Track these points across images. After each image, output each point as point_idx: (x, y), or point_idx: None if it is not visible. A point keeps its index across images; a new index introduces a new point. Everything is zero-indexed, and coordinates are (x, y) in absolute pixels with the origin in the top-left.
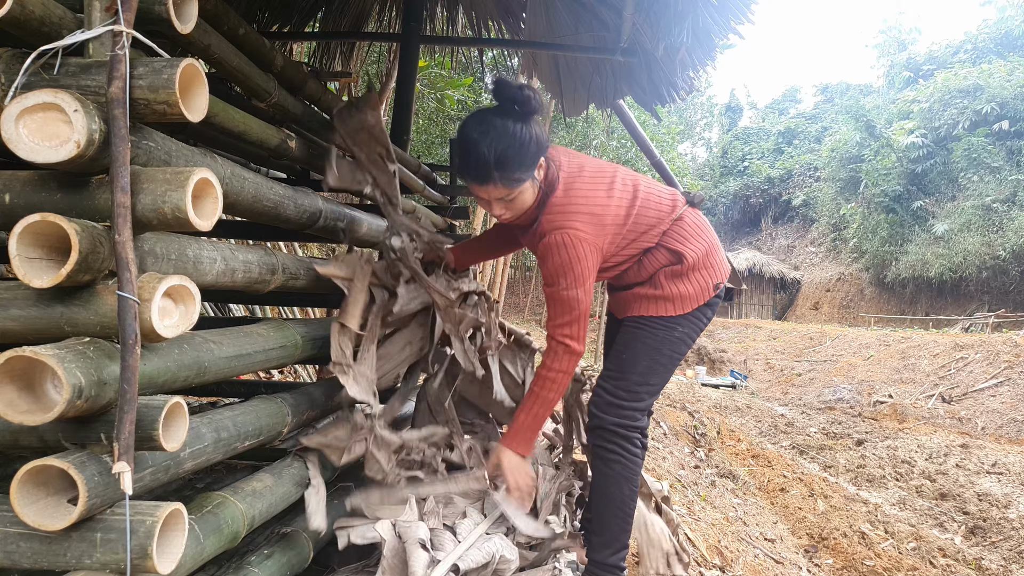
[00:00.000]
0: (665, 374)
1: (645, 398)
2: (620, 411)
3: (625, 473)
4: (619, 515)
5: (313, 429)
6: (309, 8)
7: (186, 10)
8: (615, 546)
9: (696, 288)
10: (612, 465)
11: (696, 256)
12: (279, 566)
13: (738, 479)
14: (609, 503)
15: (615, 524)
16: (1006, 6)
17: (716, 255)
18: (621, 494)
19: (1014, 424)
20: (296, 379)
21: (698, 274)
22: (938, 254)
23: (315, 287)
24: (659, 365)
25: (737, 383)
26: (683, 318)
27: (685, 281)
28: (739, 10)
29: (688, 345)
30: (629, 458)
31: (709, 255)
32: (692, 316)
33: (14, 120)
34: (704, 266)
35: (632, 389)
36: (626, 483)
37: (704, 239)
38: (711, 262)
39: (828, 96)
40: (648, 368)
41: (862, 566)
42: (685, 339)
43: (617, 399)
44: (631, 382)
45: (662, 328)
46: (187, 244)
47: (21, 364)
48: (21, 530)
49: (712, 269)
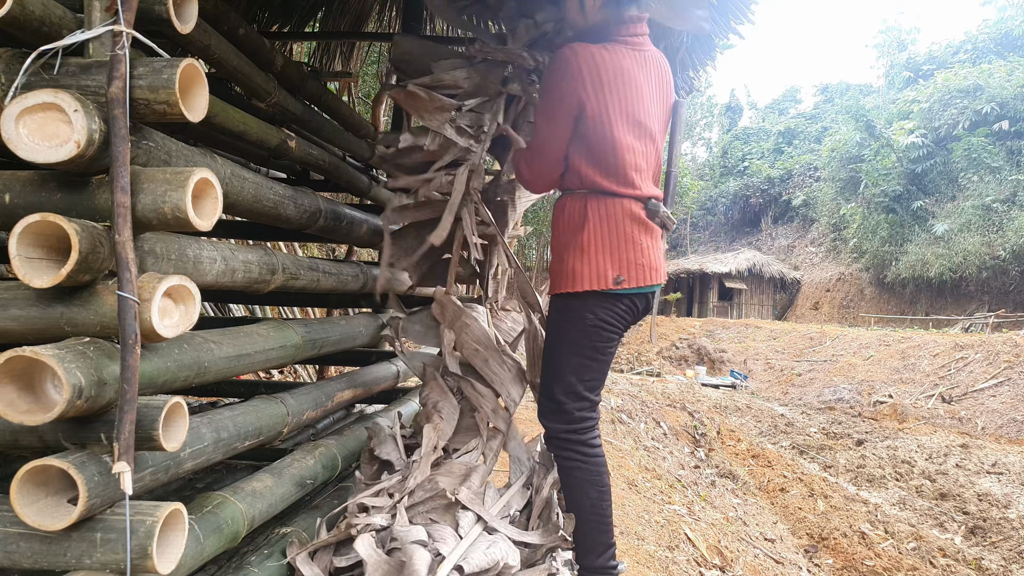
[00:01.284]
0: (598, 367)
1: (588, 395)
2: (565, 416)
3: (588, 477)
4: (592, 519)
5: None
6: (309, 8)
7: (186, 10)
8: (598, 549)
9: (591, 270)
10: (573, 472)
11: (596, 238)
12: (279, 566)
13: (738, 479)
14: (580, 509)
15: (592, 528)
16: (1006, 6)
17: (628, 253)
18: (589, 498)
19: (1014, 424)
20: (296, 379)
21: (598, 257)
22: (938, 254)
23: (315, 287)
24: (585, 358)
25: (737, 383)
26: (589, 301)
27: (584, 258)
28: (739, 10)
29: (609, 333)
30: (589, 461)
31: (616, 248)
32: (599, 303)
33: (14, 120)
34: (607, 255)
35: (571, 391)
36: (591, 486)
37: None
38: (618, 256)
39: (828, 96)
40: (577, 364)
41: (862, 566)
42: (602, 327)
43: (558, 404)
44: (567, 383)
45: (572, 310)
46: (187, 244)
47: (21, 364)
48: (21, 530)
49: (615, 261)
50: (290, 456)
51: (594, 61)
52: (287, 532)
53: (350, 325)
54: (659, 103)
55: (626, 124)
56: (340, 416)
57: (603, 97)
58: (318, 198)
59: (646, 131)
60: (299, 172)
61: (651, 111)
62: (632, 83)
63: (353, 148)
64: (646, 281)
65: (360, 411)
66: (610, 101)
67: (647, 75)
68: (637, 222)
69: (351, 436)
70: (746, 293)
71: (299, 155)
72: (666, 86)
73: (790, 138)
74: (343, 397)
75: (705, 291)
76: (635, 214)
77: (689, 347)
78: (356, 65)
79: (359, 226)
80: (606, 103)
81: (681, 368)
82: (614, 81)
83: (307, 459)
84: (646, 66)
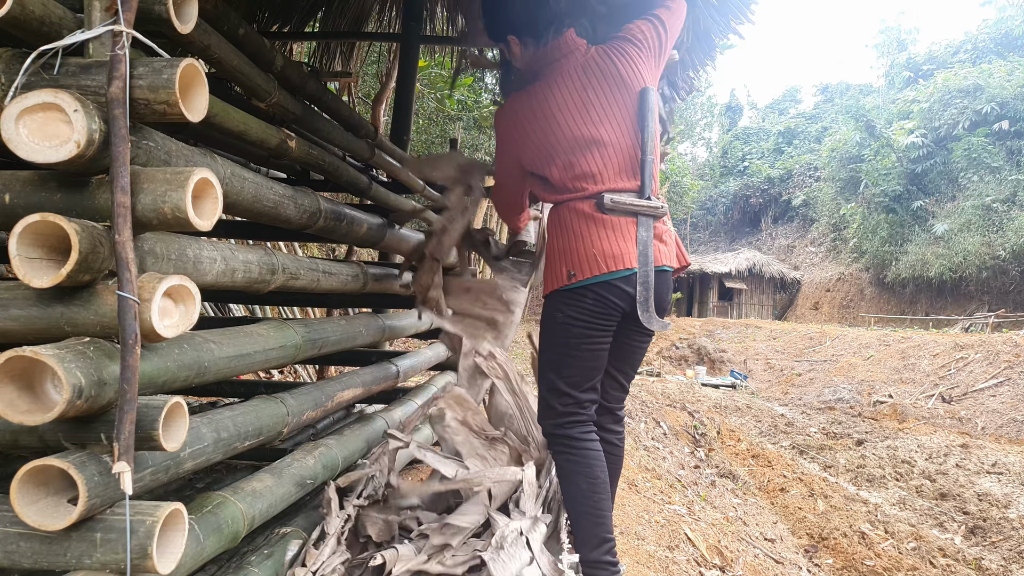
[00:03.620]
0: (576, 363)
1: (571, 392)
2: (550, 412)
3: (576, 468)
4: (584, 510)
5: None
6: (309, 8)
7: (186, 10)
8: (592, 542)
9: (551, 273)
10: (563, 465)
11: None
12: (279, 566)
13: (738, 479)
14: (572, 501)
15: (585, 520)
16: (1006, 6)
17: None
18: (580, 490)
19: (1014, 424)
20: (296, 379)
21: (555, 261)
22: (938, 254)
23: (315, 287)
24: (561, 355)
25: (737, 383)
26: (555, 301)
27: (548, 265)
28: (739, 10)
29: (580, 329)
30: (577, 452)
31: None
32: (562, 300)
33: (14, 120)
34: (561, 256)
35: (552, 387)
36: (581, 478)
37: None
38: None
39: (828, 96)
40: (552, 361)
41: (862, 566)
42: (571, 323)
43: (544, 402)
44: (548, 380)
45: (545, 313)
46: (187, 244)
47: (21, 364)
48: (21, 530)
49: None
50: (290, 456)
51: (515, 117)
52: (287, 532)
53: (350, 325)
54: (611, 98)
55: (564, 149)
56: (340, 416)
57: (531, 141)
58: (318, 198)
59: (594, 140)
60: (299, 172)
61: (599, 116)
62: (562, 109)
63: (353, 148)
64: (601, 270)
65: (360, 411)
66: (540, 141)
67: (586, 82)
68: (585, 218)
69: (351, 436)
70: (746, 293)
71: (299, 155)
72: (620, 75)
73: (790, 138)
74: (343, 397)
75: (705, 291)
76: (581, 211)
77: (689, 347)
78: (356, 65)
79: (359, 226)
80: (537, 144)
81: (681, 368)
82: (538, 122)
83: (307, 459)
84: (586, 72)
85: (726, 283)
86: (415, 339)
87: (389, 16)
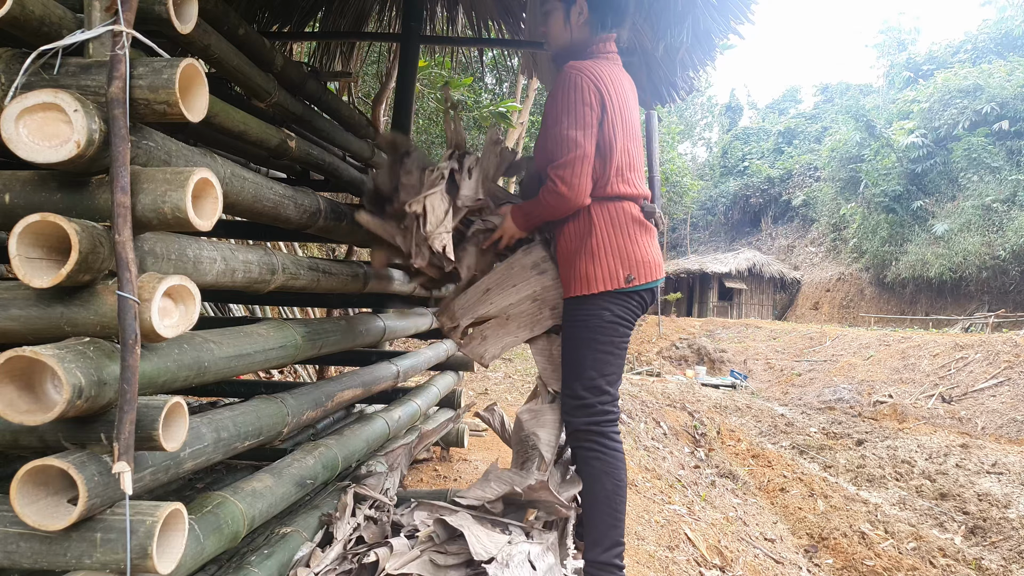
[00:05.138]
0: (616, 361)
1: (609, 389)
2: (588, 410)
3: (605, 468)
4: (605, 511)
5: None
6: (309, 8)
7: (186, 10)
8: (605, 543)
9: (603, 272)
10: (591, 463)
11: (605, 241)
12: (279, 566)
13: (738, 479)
14: (594, 500)
15: (602, 521)
16: (1006, 6)
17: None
18: (604, 490)
19: (1014, 424)
20: (296, 379)
21: (608, 260)
22: (938, 254)
23: (315, 287)
24: (606, 353)
25: (737, 383)
26: (605, 300)
27: (595, 262)
28: (739, 10)
29: (624, 328)
30: (608, 453)
31: (623, 248)
32: (614, 300)
33: (14, 120)
34: (616, 256)
35: (592, 385)
36: (607, 478)
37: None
38: (624, 255)
39: (828, 96)
40: (596, 359)
41: (862, 566)
42: (619, 323)
43: (581, 399)
44: (587, 378)
45: (588, 310)
46: (187, 244)
47: (21, 364)
48: (21, 530)
49: (624, 261)
50: (290, 456)
51: (599, 75)
52: (287, 532)
53: (350, 325)
54: (637, 110)
55: (625, 131)
56: (340, 416)
57: (609, 108)
58: (318, 198)
59: (637, 136)
60: (299, 172)
61: (637, 117)
62: (624, 92)
63: (353, 148)
64: (652, 277)
65: (360, 411)
66: (615, 110)
67: (630, 84)
68: (637, 223)
69: (351, 436)
70: (746, 293)
71: (299, 155)
72: (636, 95)
73: (790, 138)
74: (343, 397)
75: (705, 291)
76: (635, 216)
77: (689, 347)
78: (356, 65)
79: (359, 226)
80: (612, 113)
81: (681, 368)
82: (615, 92)
83: (307, 459)
84: (627, 77)
85: (726, 283)
86: (415, 339)
87: (389, 16)
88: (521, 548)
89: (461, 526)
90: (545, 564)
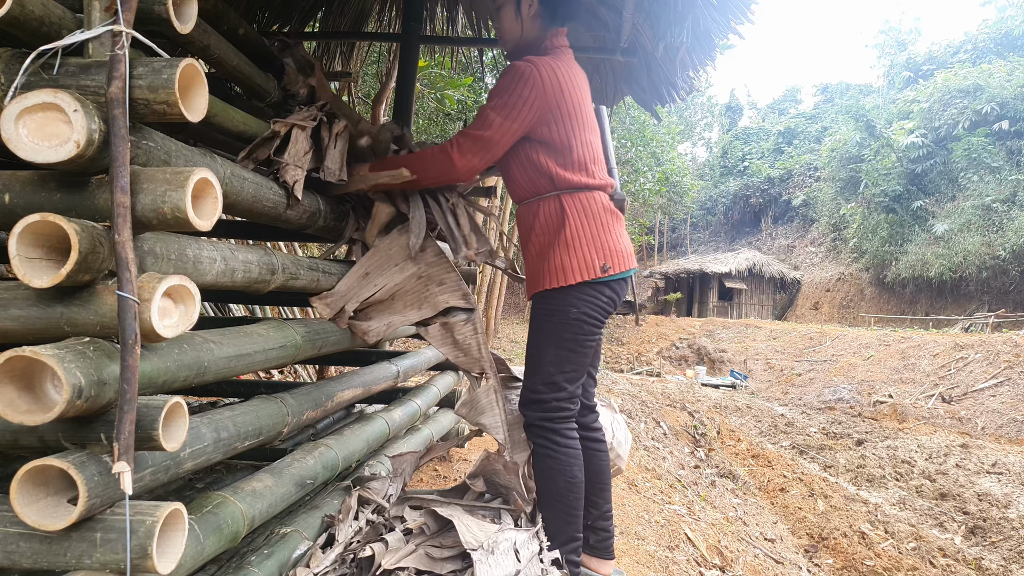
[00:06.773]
0: (577, 359)
1: (566, 386)
2: (543, 406)
3: (557, 466)
4: (559, 508)
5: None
6: (309, 8)
7: (186, 10)
8: (560, 539)
9: (579, 262)
10: (543, 459)
11: (579, 231)
12: (279, 566)
13: (738, 479)
14: (547, 498)
15: (557, 518)
16: (1006, 6)
17: (607, 243)
18: (557, 488)
19: (1014, 424)
20: (296, 379)
21: (583, 249)
22: (938, 254)
23: (315, 287)
24: (567, 350)
25: (737, 383)
26: (573, 295)
27: (570, 252)
28: (739, 10)
29: (590, 326)
30: (559, 451)
31: (597, 238)
32: (582, 296)
33: (14, 120)
34: (591, 246)
35: (549, 381)
36: (559, 476)
37: (598, 222)
38: (599, 244)
39: (828, 96)
40: (557, 356)
41: (862, 566)
42: (584, 319)
43: (537, 394)
44: (545, 373)
45: (555, 305)
46: (187, 244)
47: (21, 364)
48: (21, 530)
49: (599, 251)
50: (290, 456)
51: (552, 71)
52: (287, 532)
53: None
54: (591, 103)
55: (584, 124)
56: (340, 416)
57: (564, 103)
58: (318, 198)
59: (593, 127)
60: None
61: (592, 110)
62: (579, 86)
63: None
64: (626, 266)
65: (360, 411)
66: (570, 105)
67: (583, 78)
68: (609, 212)
69: (351, 436)
70: (746, 293)
71: None
72: (589, 88)
73: (790, 138)
74: (343, 397)
75: (705, 291)
76: (606, 205)
77: (689, 347)
78: (356, 65)
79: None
80: (568, 108)
81: (681, 368)
82: (569, 87)
83: (307, 459)
84: (580, 71)
85: (726, 283)
86: (415, 339)
87: (389, 16)
88: (508, 535)
89: (452, 516)
90: (529, 552)
